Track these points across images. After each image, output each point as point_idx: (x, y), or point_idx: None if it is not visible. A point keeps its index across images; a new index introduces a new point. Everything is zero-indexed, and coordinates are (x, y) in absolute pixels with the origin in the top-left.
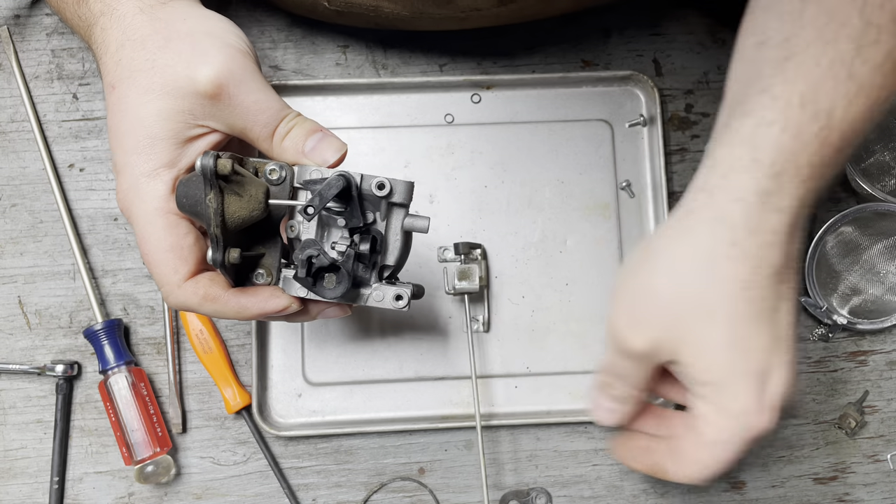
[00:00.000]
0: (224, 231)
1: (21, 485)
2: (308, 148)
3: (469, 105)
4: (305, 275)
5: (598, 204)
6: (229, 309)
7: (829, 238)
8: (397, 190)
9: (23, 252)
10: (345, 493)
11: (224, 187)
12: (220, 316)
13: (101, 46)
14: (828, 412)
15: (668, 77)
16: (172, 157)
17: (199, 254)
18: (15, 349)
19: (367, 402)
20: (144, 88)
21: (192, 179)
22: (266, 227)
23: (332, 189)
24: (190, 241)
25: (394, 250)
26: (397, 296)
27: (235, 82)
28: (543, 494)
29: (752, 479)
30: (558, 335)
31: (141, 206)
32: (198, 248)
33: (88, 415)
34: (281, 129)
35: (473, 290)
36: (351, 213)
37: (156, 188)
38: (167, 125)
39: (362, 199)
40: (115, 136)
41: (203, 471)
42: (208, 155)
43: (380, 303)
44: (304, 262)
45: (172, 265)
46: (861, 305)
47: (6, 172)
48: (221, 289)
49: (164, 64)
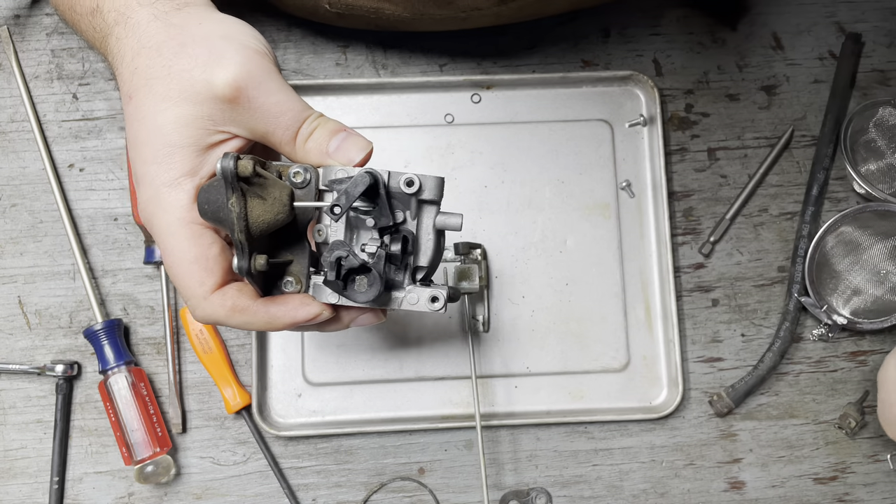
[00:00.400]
0: (249, 237)
1: (21, 485)
2: (332, 148)
3: (469, 105)
4: (335, 277)
5: (598, 204)
6: (259, 319)
7: (830, 238)
8: (427, 186)
9: (23, 252)
10: (345, 493)
11: (246, 190)
12: (249, 328)
13: (117, 57)
14: (828, 412)
15: (668, 77)
16: (193, 166)
17: (226, 264)
18: (15, 349)
19: (367, 402)
20: (161, 96)
21: (213, 185)
22: (293, 233)
23: (358, 186)
24: (215, 252)
25: (426, 250)
26: (433, 297)
27: (254, 84)
28: (543, 494)
29: (752, 480)
30: (558, 335)
31: (163, 218)
32: (223, 258)
33: (88, 415)
34: (304, 130)
35: (473, 290)
36: (380, 212)
37: (178, 198)
38: (186, 132)
39: (390, 197)
40: (133, 147)
41: (203, 471)
42: (228, 156)
43: (414, 305)
44: (332, 263)
45: (198, 277)
46: (861, 305)
47: (6, 172)
48: (250, 299)
49: (180, 69)
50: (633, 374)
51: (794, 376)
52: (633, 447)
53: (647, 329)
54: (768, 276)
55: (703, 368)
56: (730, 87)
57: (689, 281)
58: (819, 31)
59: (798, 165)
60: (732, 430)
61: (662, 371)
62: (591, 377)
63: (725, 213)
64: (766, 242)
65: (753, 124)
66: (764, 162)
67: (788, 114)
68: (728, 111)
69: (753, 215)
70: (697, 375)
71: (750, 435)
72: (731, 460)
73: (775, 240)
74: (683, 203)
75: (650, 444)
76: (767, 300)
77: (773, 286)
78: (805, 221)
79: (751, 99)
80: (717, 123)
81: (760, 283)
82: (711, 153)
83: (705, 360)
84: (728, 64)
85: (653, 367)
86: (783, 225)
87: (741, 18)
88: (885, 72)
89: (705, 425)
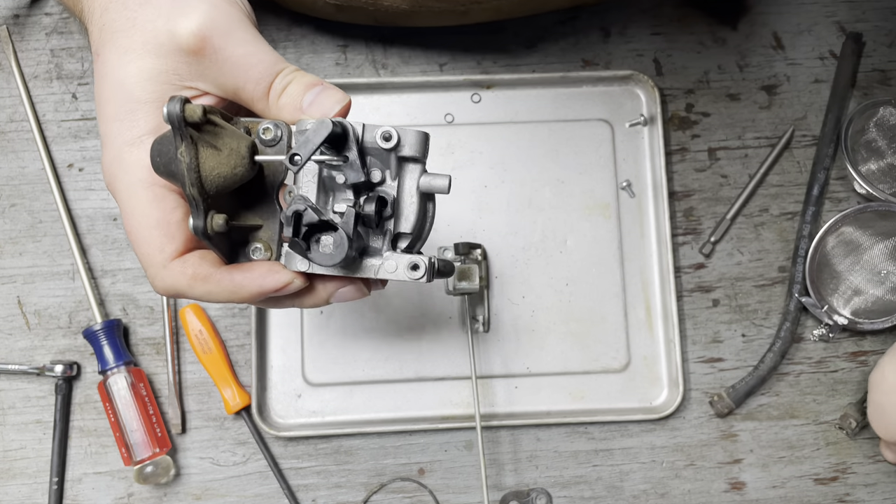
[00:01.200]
0: (202, 192)
1: (20, 485)
2: (307, 103)
3: (469, 105)
4: (293, 234)
5: (598, 204)
6: (222, 288)
7: (830, 238)
8: (407, 141)
9: (22, 252)
10: (344, 493)
11: (197, 139)
12: (212, 299)
13: (88, 15)
14: (828, 412)
15: (669, 76)
16: (158, 123)
17: (189, 232)
18: (14, 349)
19: (367, 403)
20: (125, 49)
21: (166, 136)
22: (262, 196)
23: (320, 132)
24: (178, 217)
25: (408, 215)
26: (413, 264)
27: (220, 34)
28: (543, 495)
29: (752, 480)
30: (558, 335)
31: (124, 178)
32: (187, 224)
33: (88, 415)
34: (277, 85)
35: (473, 290)
36: (350, 167)
37: (140, 157)
38: (150, 87)
39: (364, 153)
40: (98, 105)
41: (202, 471)
42: (175, 100)
43: (392, 274)
44: (289, 218)
45: (158, 243)
46: (862, 306)
47: (5, 172)
48: (212, 267)
49: (143, 20)
50: (633, 374)
51: (795, 377)
52: (633, 447)
53: (648, 329)
54: (769, 277)
55: (703, 369)
56: (730, 86)
57: (690, 281)
58: (820, 30)
59: (799, 165)
60: (733, 430)
61: (663, 371)
62: (591, 377)
63: (726, 213)
64: (766, 242)
65: (754, 124)
66: (764, 162)
67: (789, 113)
68: (729, 111)
69: (754, 215)
70: (698, 376)
71: (750, 435)
72: (731, 461)
73: (776, 240)
74: (684, 203)
75: (650, 445)
76: (768, 300)
77: (774, 286)
78: (806, 221)
79: (751, 99)
80: (717, 123)
81: (761, 284)
82: (712, 153)
83: (706, 360)
84: (728, 64)
85: (653, 368)
86: (784, 225)
87: (741, 18)
88: (885, 71)
89: (706, 426)
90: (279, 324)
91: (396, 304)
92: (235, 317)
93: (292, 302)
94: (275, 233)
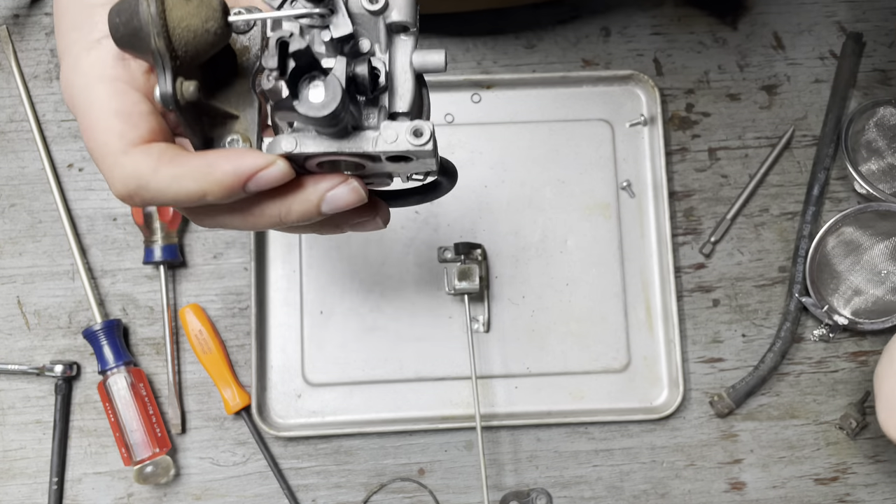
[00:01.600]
0: (170, 46)
1: (20, 485)
2: None
3: (469, 105)
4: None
5: (598, 204)
6: (192, 169)
7: (831, 238)
8: (395, 4)
9: (22, 252)
10: (344, 493)
11: None
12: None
13: None
14: (829, 413)
15: (669, 76)
16: None
17: (155, 124)
18: (14, 349)
19: (367, 403)
20: None
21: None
22: (235, 86)
23: None
24: (142, 109)
25: (404, 93)
26: (415, 130)
27: None
28: (544, 495)
29: (752, 480)
30: (558, 335)
31: (80, 81)
32: (154, 118)
33: (87, 415)
34: None
35: (473, 290)
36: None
37: (98, 56)
38: None
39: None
40: (56, 22)
41: (202, 471)
42: None
43: (393, 143)
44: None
45: (118, 129)
46: (862, 306)
47: (5, 172)
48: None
49: None
50: (633, 374)
51: (795, 377)
52: (633, 448)
53: (648, 329)
54: (769, 277)
55: (703, 369)
56: (730, 86)
57: (690, 281)
58: (820, 30)
59: (799, 165)
60: (733, 430)
61: (663, 371)
62: (591, 377)
63: (726, 213)
64: (766, 242)
65: (754, 124)
66: (765, 162)
67: (789, 113)
68: (729, 111)
69: (754, 215)
70: (698, 376)
71: (751, 435)
72: (731, 461)
73: (776, 240)
74: (684, 203)
75: (651, 445)
76: (768, 300)
77: (774, 286)
78: (806, 221)
79: (751, 99)
80: (717, 123)
81: (761, 284)
82: (712, 153)
83: (706, 360)
84: (729, 63)
85: (653, 368)
86: (784, 225)
87: (742, 18)
88: (885, 71)
89: (706, 426)
90: (279, 324)
91: (396, 304)
92: (235, 317)
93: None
94: (253, 122)
